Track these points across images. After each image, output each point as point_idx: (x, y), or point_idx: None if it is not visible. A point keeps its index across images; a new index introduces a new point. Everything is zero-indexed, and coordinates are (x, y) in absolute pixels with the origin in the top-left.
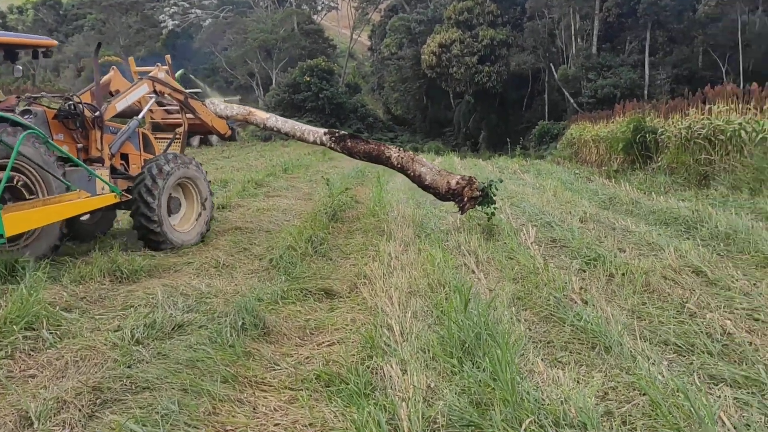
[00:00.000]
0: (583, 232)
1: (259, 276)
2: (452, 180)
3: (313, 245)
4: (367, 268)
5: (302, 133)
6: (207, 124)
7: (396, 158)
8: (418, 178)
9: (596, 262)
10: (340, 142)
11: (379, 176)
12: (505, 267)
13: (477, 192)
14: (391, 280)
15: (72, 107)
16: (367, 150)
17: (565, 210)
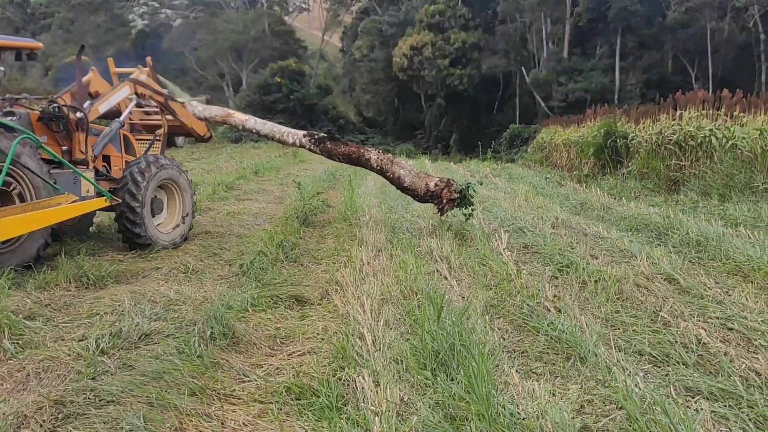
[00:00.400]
0: (555, 238)
1: (229, 282)
2: (431, 182)
3: (284, 250)
4: (339, 275)
5: (281, 135)
6: (186, 125)
7: (375, 160)
8: (397, 180)
9: (569, 269)
10: (320, 144)
11: (350, 180)
12: (478, 274)
13: (455, 194)
14: (363, 286)
15: (56, 109)
16: (347, 152)
17: (537, 215)
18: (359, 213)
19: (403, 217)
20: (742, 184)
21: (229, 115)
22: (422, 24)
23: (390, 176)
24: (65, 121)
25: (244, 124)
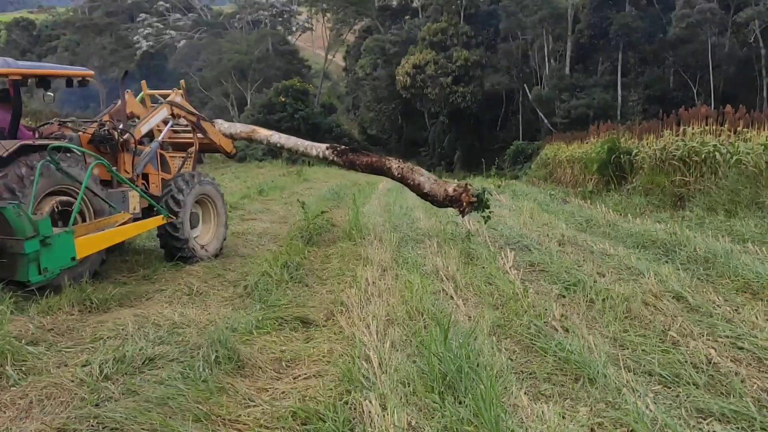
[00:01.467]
0: (561, 255)
1: (233, 304)
2: (449, 188)
3: (288, 271)
4: (344, 295)
5: (305, 148)
6: (215, 143)
7: (396, 169)
8: (418, 187)
9: (576, 287)
10: (343, 155)
11: (355, 198)
12: (485, 293)
13: (473, 197)
14: (368, 307)
15: (106, 132)
16: (369, 162)
17: (542, 233)
18: (364, 232)
19: (408, 235)
20: (747, 199)
21: (254, 131)
22: (425, 42)
23: (411, 183)
24: (114, 143)
25: (269, 139)
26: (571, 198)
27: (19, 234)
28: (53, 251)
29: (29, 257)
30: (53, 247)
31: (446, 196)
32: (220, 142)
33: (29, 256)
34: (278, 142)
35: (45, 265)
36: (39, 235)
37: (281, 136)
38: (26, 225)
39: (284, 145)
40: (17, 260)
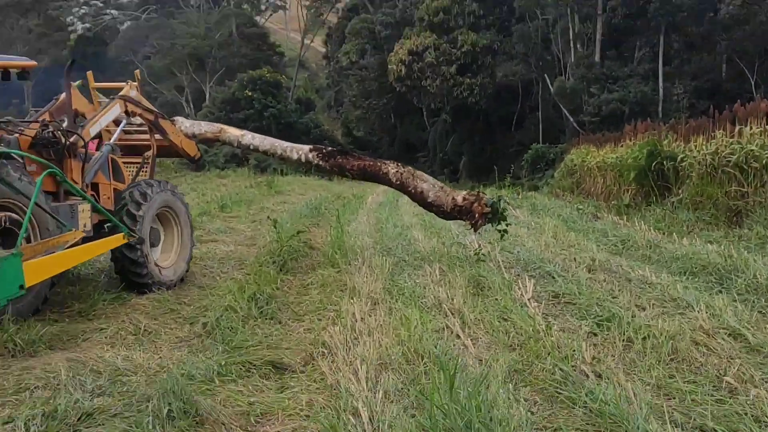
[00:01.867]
0: (592, 284)
1: (190, 346)
2: (458, 196)
3: (257, 305)
4: (326, 334)
5: (284, 150)
6: (176, 145)
7: (395, 174)
8: (420, 195)
9: (610, 323)
10: (330, 158)
11: (338, 215)
12: (498, 331)
13: (486, 208)
14: (356, 349)
15: (51, 134)
16: (362, 167)
17: (568, 256)
18: (350, 256)
19: (403, 260)
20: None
21: (222, 131)
22: (423, 24)
23: (411, 191)
24: (60, 147)
25: (240, 141)
26: (603, 213)
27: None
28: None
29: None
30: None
31: (455, 207)
32: (182, 144)
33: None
34: (251, 144)
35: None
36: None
37: (255, 136)
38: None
39: (258, 148)
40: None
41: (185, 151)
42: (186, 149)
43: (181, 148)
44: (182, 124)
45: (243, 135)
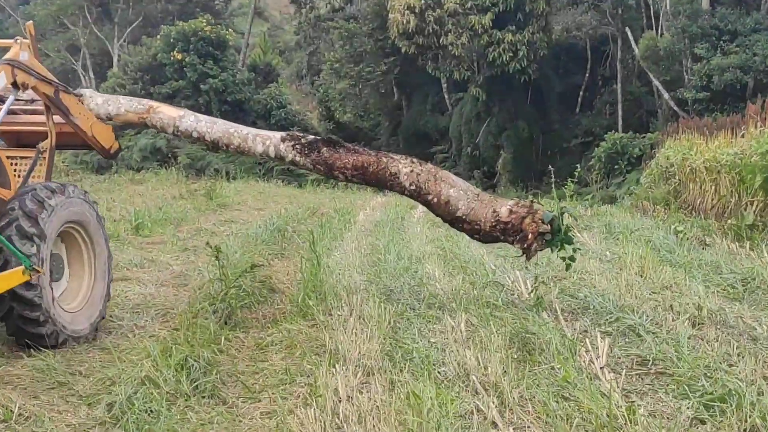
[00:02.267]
0: (697, 345)
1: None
2: (501, 208)
3: (190, 376)
4: (295, 422)
5: (243, 140)
6: (85, 132)
7: (408, 175)
8: (446, 206)
9: (725, 404)
10: (312, 152)
11: (313, 239)
12: (555, 416)
13: (544, 225)
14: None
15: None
16: (359, 164)
17: (661, 303)
18: (330, 302)
19: (412, 308)
20: None
21: (151, 110)
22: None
23: (433, 201)
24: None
25: (177, 125)
26: (714, 238)
27: None
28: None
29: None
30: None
31: (497, 223)
32: (93, 131)
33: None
34: (194, 130)
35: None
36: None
37: (200, 118)
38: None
39: (205, 136)
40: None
41: (96, 140)
42: (98, 138)
43: (91, 137)
44: (92, 100)
45: (182, 116)
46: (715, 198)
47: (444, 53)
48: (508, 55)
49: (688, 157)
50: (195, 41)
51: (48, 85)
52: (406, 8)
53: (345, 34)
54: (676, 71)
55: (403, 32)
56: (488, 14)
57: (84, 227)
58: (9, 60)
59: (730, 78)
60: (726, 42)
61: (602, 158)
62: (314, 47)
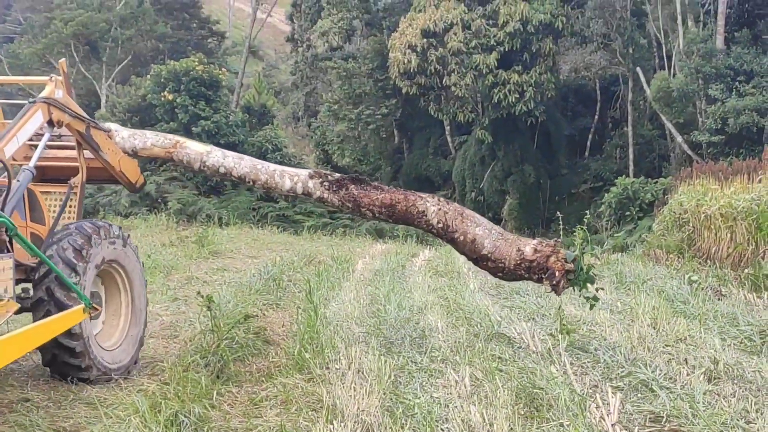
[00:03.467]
0: (713, 401)
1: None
2: (525, 246)
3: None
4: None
5: (270, 176)
6: (113, 167)
7: (435, 213)
8: (472, 245)
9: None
10: (339, 189)
11: (310, 289)
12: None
13: (568, 264)
14: None
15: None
16: (388, 202)
17: (675, 356)
18: (328, 355)
19: (414, 361)
20: None
21: (177, 145)
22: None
23: (459, 239)
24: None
25: (204, 161)
26: (730, 288)
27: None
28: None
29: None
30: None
31: (521, 261)
32: (121, 166)
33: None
34: (221, 166)
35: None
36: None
37: (227, 154)
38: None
39: (232, 172)
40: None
41: (124, 174)
42: (125, 172)
43: (119, 171)
44: (118, 134)
45: (209, 152)
46: (731, 246)
47: (447, 94)
48: (514, 96)
49: (703, 203)
50: (186, 81)
51: (80, 122)
52: (408, 47)
53: (343, 74)
54: (689, 113)
55: (404, 72)
56: (493, 54)
57: (122, 268)
58: (45, 98)
59: (746, 120)
60: (741, 83)
61: (612, 204)
62: (311, 88)
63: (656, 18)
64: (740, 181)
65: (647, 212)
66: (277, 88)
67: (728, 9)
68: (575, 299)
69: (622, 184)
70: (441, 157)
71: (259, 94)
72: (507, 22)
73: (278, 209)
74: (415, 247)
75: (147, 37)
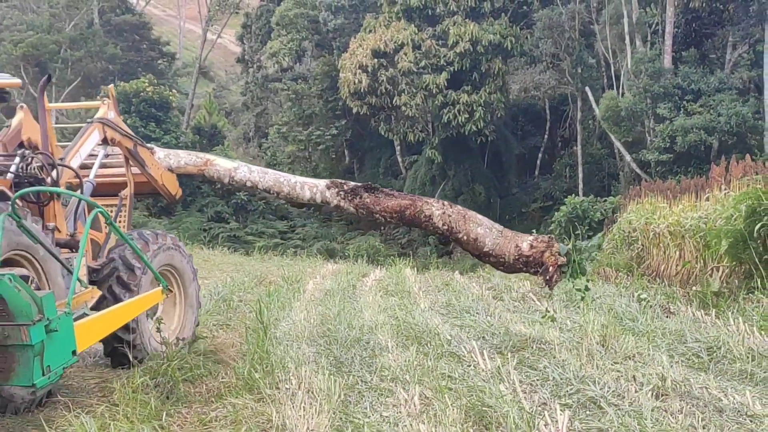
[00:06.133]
0: (661, 418)
1: None
2: (523, 243)
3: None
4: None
5: (292, 188)
6: (156, 181)
7: (440, 217)
8: (474, 243)
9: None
10: (354, 198)
11: (260, 309)
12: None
13: (561, 257)
14: None
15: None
16: (398, 208)
17: (624, 373)
18: (278, 375)
19: (364, 381)
20: None
21: (208, 163)
22: (395, 8)
23: (462, 239)
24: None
25: (232, 176)
26: (678, 305)
27: (20, 317)
28: (56, 342)
29: (35, 350)
30: (56, 335)
31: (519, 257)
32: (163, 180)
33: (35, 349)
34: (248, 180)
35: (48, 362)
36: (44, 319)
37: (252, 169)
38: (29, 304)
39: (258, 185)
40: (16, 356)
41: (165, 188)
42: (167, 185)
43: (161, 185)
44: (156, 153)
45: (236, 168)
46: (680, 264)
47: (397, 114)
48: (464, 116)
49: (651, 222)
50: (137, 102)
51: (129, 140)
52: (358, 67)
53: (293, 96)
54: (638, 132)
55: (354, 92)
56: (443, 74)
57: (176, 270)
58: (100, 119)
59: (693, 139)
60: (689, 102)
61: (562, 223)
62: (262, 108)
63: (604, 38)
64: (688, 199)
65: (596, 231)
66: (227, 108)
67: (675, 29)
68: (525, 317)
69: (571, 203)
70: (392, 176)
71: (209, 114)
72: (457, 43)
73: (229, 230)
74: (366, 267)
75: (97, 58)
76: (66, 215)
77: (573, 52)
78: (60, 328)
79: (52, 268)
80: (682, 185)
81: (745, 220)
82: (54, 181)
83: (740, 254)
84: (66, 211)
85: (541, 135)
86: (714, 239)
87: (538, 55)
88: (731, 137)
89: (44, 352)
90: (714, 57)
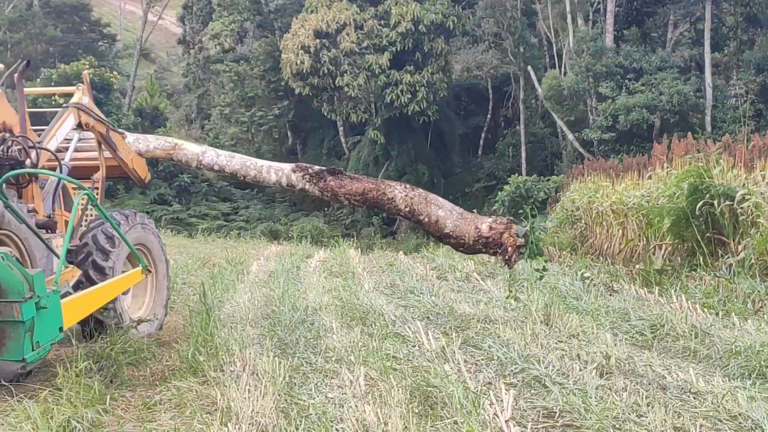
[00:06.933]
0: (605, 395)
1: None
2: (482, 224)
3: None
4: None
5: (258, 171)
6: (127, 165)
7: (403, 199)
8: (435, 225)
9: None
10: (319, 181)
11: (204, 291)
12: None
13: (519, 238)
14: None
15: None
16: (361, 191)
17: (568, 352)
18: (223, 357)
19: (309, 362)
20: None
21: (176, 147)
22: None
23: (424, 220)
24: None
25: (200, 160)
26: (622, 283)
27: (12, 294)
28: (45, 318)
29: (26, 326)
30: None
31: (479, 238)
32: (134, 164)
33: (26, 325)
34: (215, 164)
35: (37, 338)
36: (35, 296)
37: (219, 153)
38: (21, 281)
39: (225, 169)
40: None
41: (135, 171)
42: (137, 170)
43: (132, 169)
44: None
45: (204, 152)
46: (623, 242)
47: (340, 95)
48: (407, 96)
49: (594, 200)
50: (78, 84)
51: (102, 124)
52: (300, 48)
53: (235, 78)
54: (580, 111)
55: (296, 73)
56: (386, 54)
57: (146, 248)
58: (75, 103)
59: (636, 118)
60: (631, 80)
61: (506, 202)
62: (204, 90)
63: (546, 17)
64: (631, 177)
65: (540, 209)
66: (169, 90)
67: (617, 7)
68: (469, 297)
69: (515, 182)
70: (335, 157)
71: (151, 96)
72: (399, 23)
73: (172, 212)
74: (310, 248)
75: (36, 40)
76: (43, 196)
77: (515, 31)
78: (49, 305)
79: (34, 248)
80: (624, 164)
81: (688, 198)
82: (33, 164)
83: (683, 232)
84: (43, 193)
85: (484, 115)
86: (656, 217)
87: (481, 34)
88: (673, 116)
89: (34, 329)
90: (655, 35)
